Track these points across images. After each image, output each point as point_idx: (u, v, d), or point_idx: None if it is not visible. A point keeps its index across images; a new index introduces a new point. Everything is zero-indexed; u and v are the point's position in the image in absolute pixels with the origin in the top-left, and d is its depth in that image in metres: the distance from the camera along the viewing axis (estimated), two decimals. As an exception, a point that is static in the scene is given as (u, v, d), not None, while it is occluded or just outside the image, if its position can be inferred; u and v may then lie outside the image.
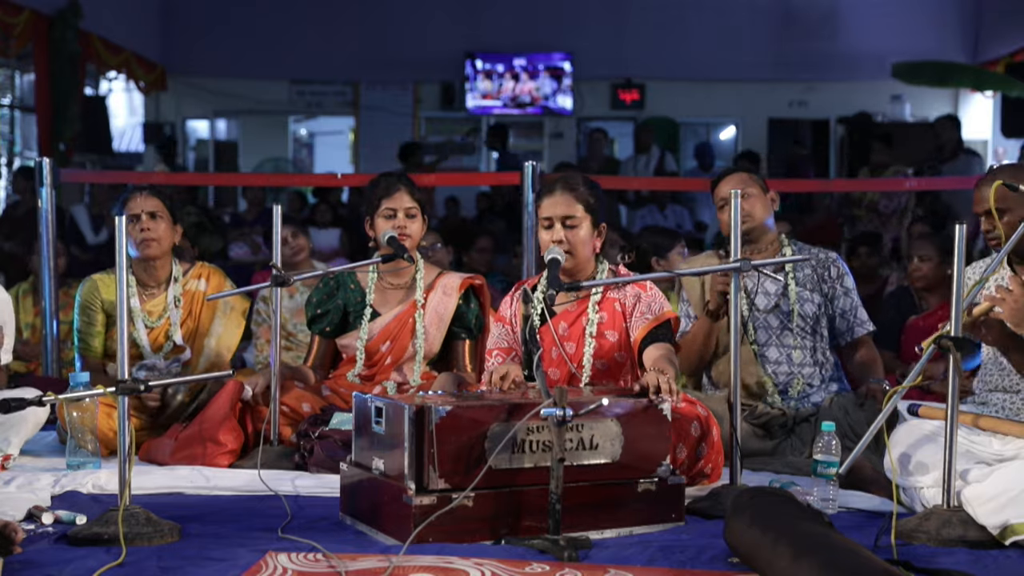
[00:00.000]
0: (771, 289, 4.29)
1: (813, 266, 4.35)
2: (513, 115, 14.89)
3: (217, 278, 4.55)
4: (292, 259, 5.86)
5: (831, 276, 4.35)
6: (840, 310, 4.35)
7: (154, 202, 4.38)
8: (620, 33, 14.17)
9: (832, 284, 4.34)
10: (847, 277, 4.38)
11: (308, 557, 2.87)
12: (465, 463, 2.98)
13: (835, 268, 4.36)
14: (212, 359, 4.50)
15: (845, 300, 4.35)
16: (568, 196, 3.80)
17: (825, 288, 4.34)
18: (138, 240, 4.36)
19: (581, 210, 3.79)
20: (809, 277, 4.34)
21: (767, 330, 4.29)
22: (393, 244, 4.17)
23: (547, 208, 3.81)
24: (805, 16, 14.19)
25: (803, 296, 4.31)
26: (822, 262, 4.37)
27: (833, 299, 4.34)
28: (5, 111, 12.33)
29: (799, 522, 2.72)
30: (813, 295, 4.32)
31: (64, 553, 2.88)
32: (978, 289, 3.24)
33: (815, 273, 4.35)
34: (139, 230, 4.35)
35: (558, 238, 3.75)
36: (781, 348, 4.28)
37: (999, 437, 3.37)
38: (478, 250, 7.20)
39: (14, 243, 8.38)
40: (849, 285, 4.37)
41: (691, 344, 4.26)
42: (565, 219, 3.77)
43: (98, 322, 4.45)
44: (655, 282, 3.95)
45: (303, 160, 16.45)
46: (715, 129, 15.46)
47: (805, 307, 4.30)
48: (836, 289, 4.34)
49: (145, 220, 4.35)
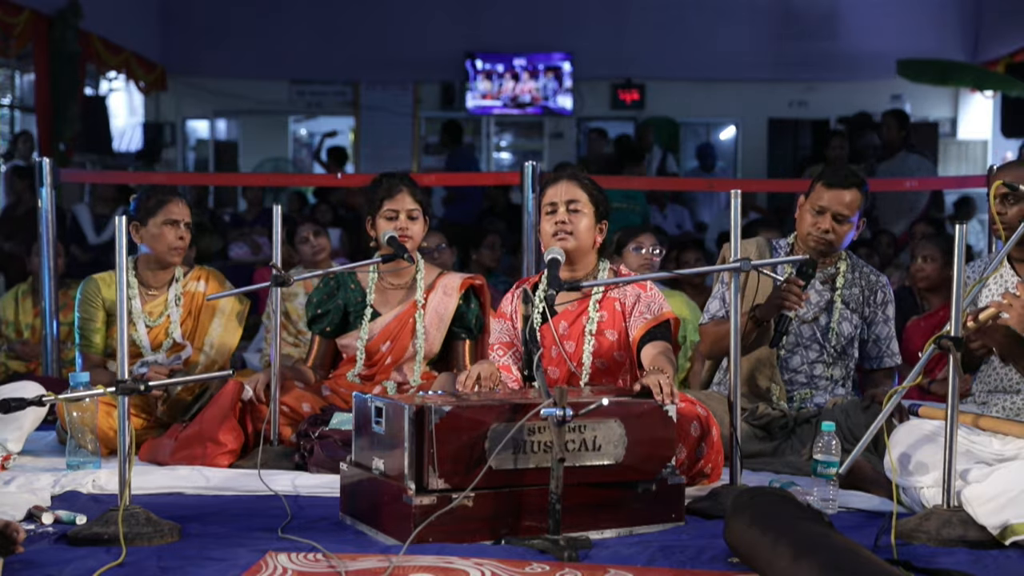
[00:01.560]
0: (814, 300, 4.23)
1: (862, 287, 4.29)
2: (513, 115, 14.89)
3: (215, 281, 4.55)
4: (313, 258, 5.88)
5: (875, 301, 4.29)
6: (875, 336, 4.29)
7: (188, 211, 4.43)
8: (620, 33, 14.17)
9: (875, 309, 4.29)
10: (890, 305, 4.32)
11: (308, 557, 2.87)
12: (465, 463, 2.98)
13: (882, 293, 4.30)
14: (211, 359, 4.50)
15: (883, 328, 4.30)
16: (573, 184, 3.84)
17: (867, 312, 4.29)
18: (174, 246, 4.37)
19: (586, 199, 3.82)
20: (855, 297, 4.27)
21: (797, 337, 4.23)
22: (393, 244, 4.17)
23: (551, 195, 3.83)
24: (805, 16, 14.19)
25: (844, 315, 4.26)
26: (871, 284, 4.30)
27: (872, 324, 4.29)
28: (5, 111, 12.33)
29: (799, 522, 2.72)
30: (854, 316, 4.26)
31: (64, 553, 2.88)
32: (978, 289, 3.24)
33: (862, 294, 4.28)
34: (178, 237, 4.37)
35: (561, 219, 3.77)
36: (805, 358, 4.25)
37: (999, 437, 3.38)
38: (487, 246, 7.20)
39: (14, 243, 8.38)
40: (890, 314, 4.32)
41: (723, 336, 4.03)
42: (569, 203, 3.80)
43: (98, 319, 4.45)
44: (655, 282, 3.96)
45: (303, 160, 16.45)
46: (715, 129, 15.46)
47: (843, 326, 4.24)
48: (878, 315, 4.29)
49: (183, 229, 4.38)
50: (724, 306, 4.29)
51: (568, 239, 3.77)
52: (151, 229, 4.36)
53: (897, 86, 13.47)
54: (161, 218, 4.33)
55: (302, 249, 6.00)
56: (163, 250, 4.37)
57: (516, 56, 14.56)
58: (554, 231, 3.78)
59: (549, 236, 3.80)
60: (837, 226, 4.17)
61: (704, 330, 4.31)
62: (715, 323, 4.24)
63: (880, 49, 13.24)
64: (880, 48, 13.30)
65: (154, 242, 4.35)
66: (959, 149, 14.39)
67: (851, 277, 4.29)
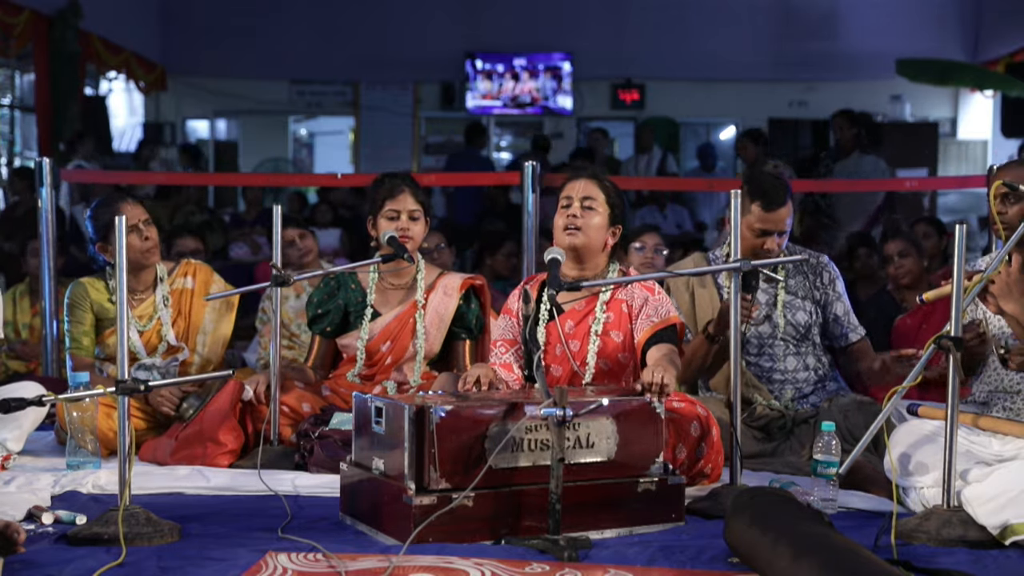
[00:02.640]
0: (762, 299, 4.24)
1: (804, 272, 4.29)
2: (513, 115, 14.89)
3: (204, 273, 4.54)
4: (300, 260, 5.87)
5: (823, 282, 4.29)
6: (833, 315, 4.29)
7: (141, 208, 4.37)
8: (620, 33, 14.17)
9: (824, 290, 4.29)
10: (838, 281, 4.32)
11: (308, 557, 2.87)
12: (465, 463, 2.98)
13: (827, 273, 4.30)
14: (207, 355, 4.50)
15: (838, 305, 4.29)
16: (592, 182, 3.86)
17: (817, 295, 4.28)
18: (143, 249, 4.33)
19: (602, 199, 3.83)
20: (800, 284, 4.27)
21: (759, 339, 4.23)
22: (393, 244, 4.17)
23: (569, 189, 3.85)
24: (805, 16, 14.19)
25: (794, 304, 4.25)
26: (813, 267, 4.30)
27: (826, 305, 4.29)
28: (5, 111, 12.33)
29: (799, 522, 2.72)
30: (805, 303, 4.26)
31: (64, 553, 2.88)
32: (980, 287, 3.24)
33: (807, 280, 4.28)
34: (143, 239, 4.33)
35: (573, 213, 3.78)
36: (773, 355, 4.25)
37: (999, 437, 3.38)
38: (503, 254, 7.22)
39: (14, 243, 8.37)
40: (840, 289, 4.31)
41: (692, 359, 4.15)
42: (584, 199, 3.81)
43: (87, 322, 4.42)
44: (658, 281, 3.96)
45: (303, 160, 16.45)
46: (715, 129, 15.47)
47: (797, 316, 4.24)
48: (829, 295, 4.29)
49: (144, 228, 4.34)
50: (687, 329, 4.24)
51: (577, 235, 3.77)
52: (124, 229, 4.32)
53: (897, 86, 13.47)
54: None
55: (288, 253, 5.97)
56: (135, 257, 4.29)
57: (516, 56, 14.56)
58: (565, 225, 3.79)
59: (560, 230, 3.81)
60: (779, 239, 4.20)
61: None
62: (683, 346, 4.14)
63: (880, 49, 13.23)
64: (880, 48, 13.29)
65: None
66: (959, 149, 14.39)
67: (792, 267, 4.28)
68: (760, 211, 4.14)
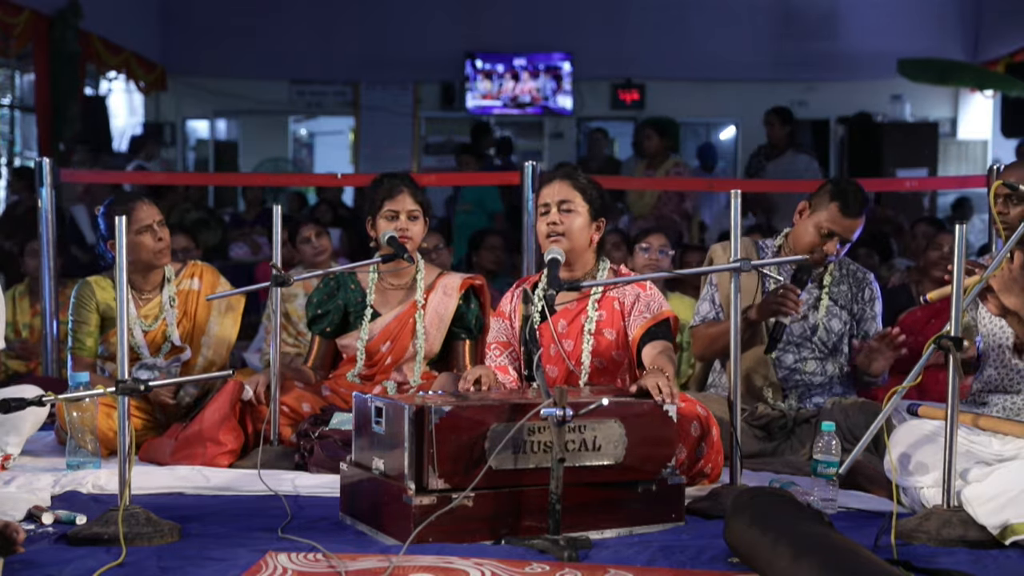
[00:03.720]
0: (804, 298, 4.21)
1: (850, 284, 4.30)
2: (513, 115, 14.89)
3: (210, 275, 4.54)
4: (315, 259, 5.88)
5: (863, 298, 4.29)
6: (863, 332, 4.28)
7: (156, 209, 4.38)
8: (620, 33, 14.16)
9: (863, 305, 4.29)
10: (878, 302, 4.33)
11: (308, 557, 2.87)
12: (465, 463, 2.98)
13: (869, 290, 4.31)
14: (210, 356, 4.50)
15: (871, 324, 4.30)
16: (566, 184, 3.83)
17: (856, 308, 4.29)
18: (155, 250, 4.34)
19: (579, 198, 3.81)
20: (843, 294, 4.28)
21: (789, 336, 4.22)
22: (393, 244, 4.17)
23: (544, 195, 3.84)
24: (805, 16, 14.18)
25: (832, 311, 4.26)
26: (859, 282, 4.31)
27: (861, 320, 4.29)
28: (5, 111, 12.33)
29: (799, 522, 2.72)
30: (843, 312, 4.27)
31: (64, 553, 2.88)
32: (980, 287, 3.24)
33: (850, 291, 4.29)
34: (156, 240, 4.33)
35: (553, 220, 3.77)
36: (798, 356, 4.25)
37: (999, 437, 3.38)
38: (487, 248, 7.18)
39: (14, 243, 8.37)
40: (878, 310, 4.33)
41: (717, 339, 4.17)
42: (561, 203, 3.79)
43: (92, 322, 4.42)
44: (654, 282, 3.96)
45: (303, 160, 16.45)
46: (715, 129, 15.46)
47: (832, 323, 4.25)
48: (866, 312, 4.30)
49: (158, 229, 4.34)
50: (715, 308, 4.31)
51: (561, 240, 3.77)
52: (124, 228, 4.33)
53: (897, 86, 13.47)
54: (133, 228, 4.25)
55: (304, 249, 5.99)
56: (148, 257, 4.32)
57: (516, 56, 14.55)
58: (547, 232, 3.79)
59: (543, 237, 3.81)
60: (840, 247, 4.20)
61: (696, 332, 4.32)
62: (706, 325, 4.27)
63: (880, 49, 13.23)
64: (880, 48, 13.29)
65: (135, 252, 4.25)
66: (959, 149, 14.38)
67: (839, 274, 4.30)
68: (836, 213, 4.15)
